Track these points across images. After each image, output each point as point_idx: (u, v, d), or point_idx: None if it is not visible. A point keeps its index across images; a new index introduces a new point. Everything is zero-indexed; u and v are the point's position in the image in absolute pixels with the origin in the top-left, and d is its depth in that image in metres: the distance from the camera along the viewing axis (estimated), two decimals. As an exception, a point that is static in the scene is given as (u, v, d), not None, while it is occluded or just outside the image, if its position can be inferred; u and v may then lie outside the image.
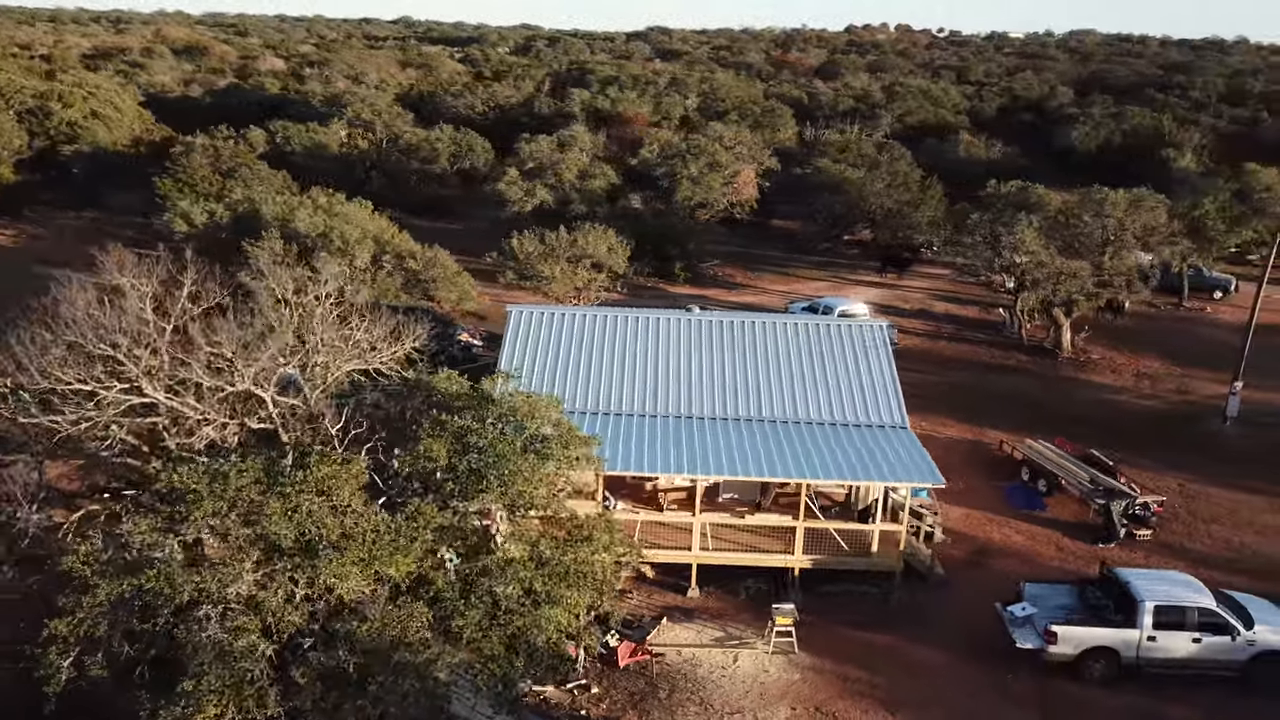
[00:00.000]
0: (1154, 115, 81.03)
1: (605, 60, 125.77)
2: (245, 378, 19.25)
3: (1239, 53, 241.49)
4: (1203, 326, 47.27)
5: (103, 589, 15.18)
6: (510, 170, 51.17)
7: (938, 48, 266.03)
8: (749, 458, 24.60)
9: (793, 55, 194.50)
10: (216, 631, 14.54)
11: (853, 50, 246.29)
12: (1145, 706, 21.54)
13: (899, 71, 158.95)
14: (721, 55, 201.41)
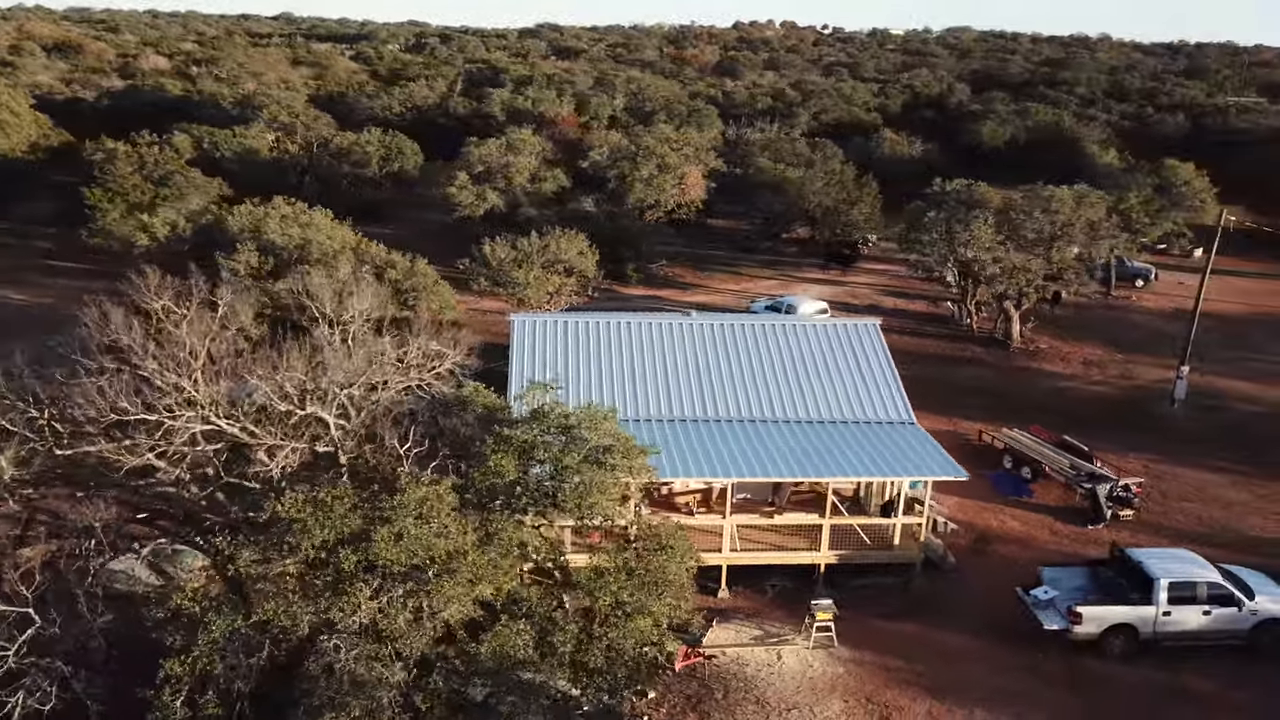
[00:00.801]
0: (1055, 111, 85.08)
1: (518, 60, 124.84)
2: (317, 400, 18.83)
3: (1104, 49, 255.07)
4: (1132, 314, 50.09)
5: (217, 625, 14.77)
6: (460, 174, 50.62)
7: (825, 44, 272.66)
8: (776, 458, 25.19)
9: (690, 52, 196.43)
10: (349, 661, 14.31)
11: (745, 47, 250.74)
12: (1165, 680, 22.97)
13: (795, 69, 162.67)
14: (618, 52, 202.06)
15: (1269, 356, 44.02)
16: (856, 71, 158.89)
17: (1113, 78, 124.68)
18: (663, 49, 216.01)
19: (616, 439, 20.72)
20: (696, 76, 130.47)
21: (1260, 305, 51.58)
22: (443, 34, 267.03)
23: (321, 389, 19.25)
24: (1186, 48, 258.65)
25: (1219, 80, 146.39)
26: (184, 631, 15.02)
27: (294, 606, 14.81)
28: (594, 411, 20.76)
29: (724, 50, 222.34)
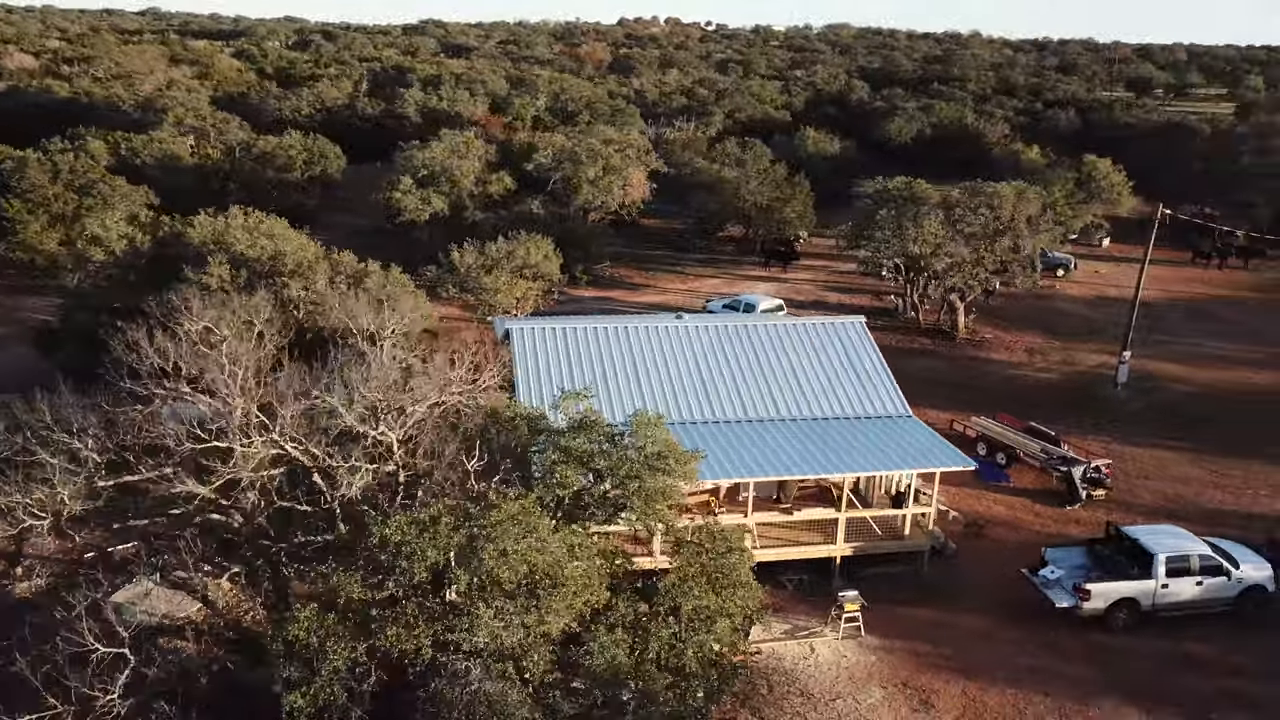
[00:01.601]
0: (958, 108, 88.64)
1: (425, 60, 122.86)
2: (395, 423, 18.56)
3: (977, 45, 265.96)
4: (1059, 302, 52.76)
5: (339, 654, 14.54)
6: (403, 179, 49.79)
7: (711, 41, 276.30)
8: (795, 457, 25.88)
9: (583, 50, 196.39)
10: (482, 682, 14.30)
11: (634, 44, 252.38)
12: (1168, 648, 24.59)
13: (694, 67, 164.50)
14: (509, 50, 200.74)
15: (1189, 339, 47.04)
16: (750, 69, 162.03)
17: (999, 74, 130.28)
18: (552, 46, 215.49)
19: (667, 445, 21.08)
20: (598, 75, 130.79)
21: (1173, 291, 54.97)
22: (324, 31, 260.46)
23: (392, 408, 18.97)
24: (1052, 44, 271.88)
25: (1090, 76, 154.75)
26: (297, 663, 14.72)
27: (417, 630, 14.68)
28: (645, 418, 21.02)
29: (614, 47, 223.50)
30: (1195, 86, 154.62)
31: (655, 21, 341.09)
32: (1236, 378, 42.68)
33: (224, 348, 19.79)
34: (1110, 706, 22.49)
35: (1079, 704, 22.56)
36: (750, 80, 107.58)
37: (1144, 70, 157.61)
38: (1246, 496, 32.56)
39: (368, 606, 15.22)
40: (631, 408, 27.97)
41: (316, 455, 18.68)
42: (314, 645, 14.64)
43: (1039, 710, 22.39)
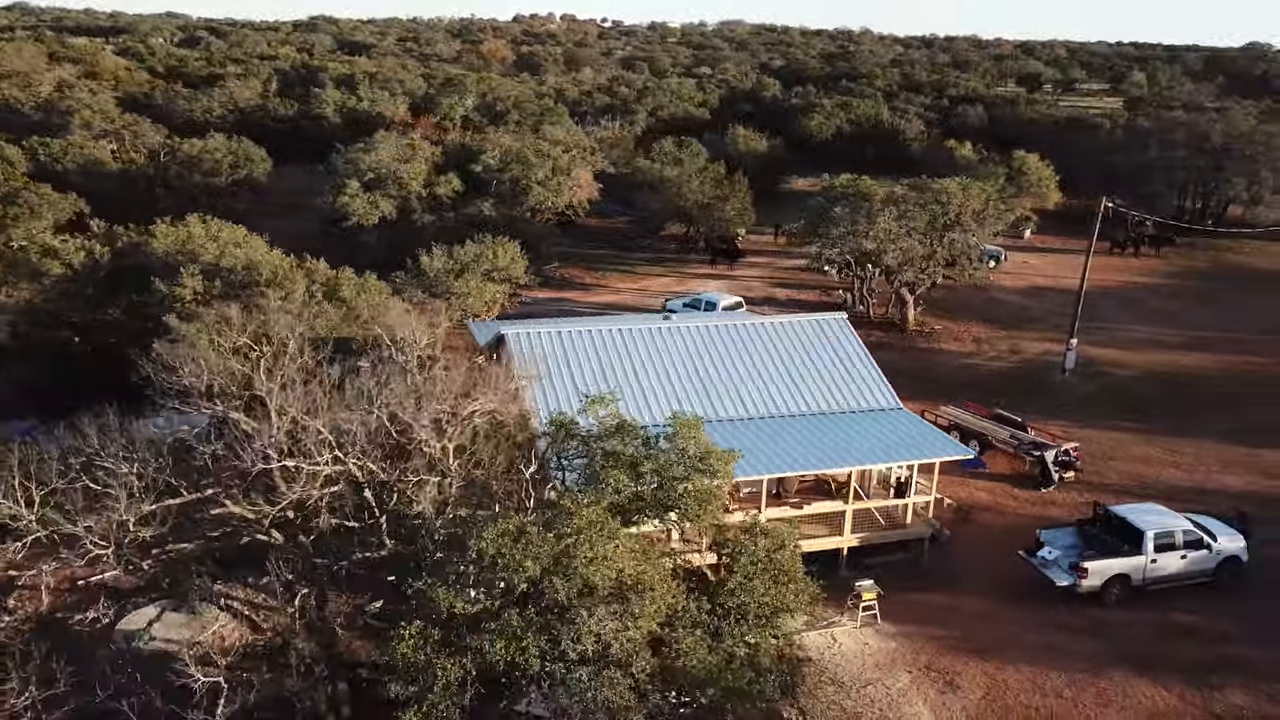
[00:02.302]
0: (874, 105, 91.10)
1: (337, 59, 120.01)
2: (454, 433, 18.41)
3: (868, 43, 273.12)
4: (994, 293, 54.85)
5: (450, 669, 14.48)
6: (351, 182, 48.79)
7: (610, 38, 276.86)
8: (807, 452, 26.54)
9: (485, 47, 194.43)
10: (600, 689, 14.43)
11: (533, 41, 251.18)
12: (1159, 619, 26.10)
13: (596, 64, 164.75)
14: (409, 47, 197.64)
15: (1121, 325, 49.56)
16: (655, 66, 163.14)
17: (902, 71, 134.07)
18: (451, 43, 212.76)
19: (706, 446, 21.43)
20: (506, 73, 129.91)
21: (1098, 279, 57.55)
22: (210, 27, 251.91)
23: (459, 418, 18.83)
24: (939, 41, 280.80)
25: (983, 73, 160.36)
26: (404, 682, 14.58)
27: (525, 641, 14.71)
28: (685, 421, 21.32)
29: (514, 44, 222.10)
30: (1080, 82, 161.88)
31: (551, 18, 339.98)
32: (1169, 360, 45.22)
33: (263, 364, 19.30)
34: (1120, 677, 23.77)
35: (1091, 676, 23.78)
36: (667, 78, 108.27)
37: (1031, 66, 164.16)
38: (1200, 472, 34.63)
39: (468, 620, 15.14)
40: (634, 408, 28.25)
41: (373, 470, 18.43)
42: (421, 662, 14.53)
43: (1055, 684, 23.53)
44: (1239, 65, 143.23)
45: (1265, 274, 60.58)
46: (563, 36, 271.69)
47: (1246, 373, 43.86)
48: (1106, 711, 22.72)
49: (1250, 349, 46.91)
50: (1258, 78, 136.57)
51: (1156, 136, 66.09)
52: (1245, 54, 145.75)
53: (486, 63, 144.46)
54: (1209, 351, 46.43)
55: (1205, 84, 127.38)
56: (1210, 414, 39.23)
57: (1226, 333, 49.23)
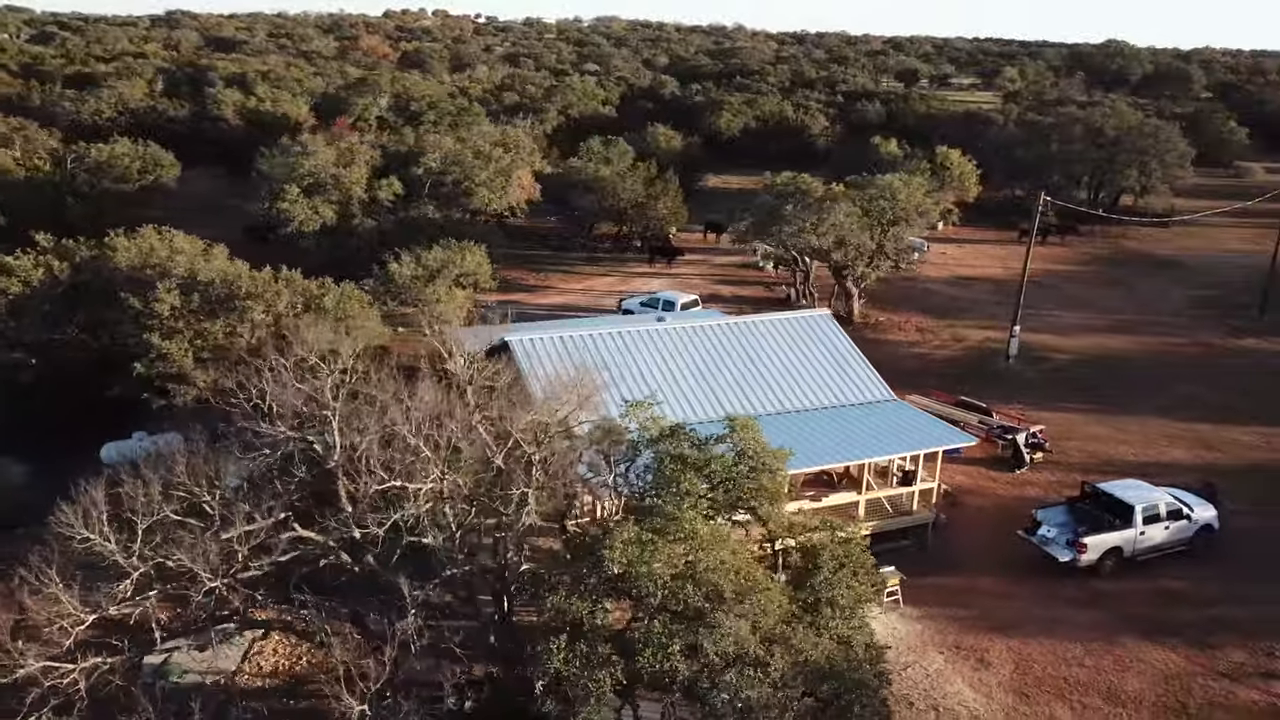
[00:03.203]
0: (777, 101, 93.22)
1: (224, 57, 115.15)
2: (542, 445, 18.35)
3: (742, 38, 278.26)
4: (921, 283, 57.11)
5: (603, 680, 14.60)
6: (290, 188, 47.23)
7: (486, 34, 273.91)
8: (826, 446, 27.36)
9: (366, 42, 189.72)
10: (763, 691, 14.76)
11: (407, 36, 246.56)
12: (1151, 587, 28.00)
13: (478, 61, 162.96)
14: (281, 43, 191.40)
15: (1047, 311, 52.27)
16: (540, 63, 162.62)
17: (790, 68, 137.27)
18: (323, 39, 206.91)
19: (764, 445, 21.96)
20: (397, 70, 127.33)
21: (1016, 269, 60.57)
22: (59, 22, 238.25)
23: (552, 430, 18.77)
24: (810, 37, 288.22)
25: (862, 68, 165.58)
26: (559, 696, 14.63)
27: (670, 648, 14.93)
28: (741, 421, 21.79)
29: (391, 40, 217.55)
30: (952, 77, 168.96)
31: (424, 14, 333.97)
32: (1097, 343, 48.08)
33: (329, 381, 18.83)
34: (1129, 643, 25.45)
35: (1104, 644, 25.39)
36: (568, 76, 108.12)
37: (907, 62, 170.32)
38: (1150, 448, 37.08)
39: (604, 631, 15.26)
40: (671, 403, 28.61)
41: (460, 485, 18.26)
42: (573, 675, 14.59)
43: (1075, 654, 25.04)
44: (1096, 61, 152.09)
45: (1160, 258, 64.86)
46: (438, 32, 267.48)
47: (1166, 353, 47.02)
48: (1126, 676, 24.31)
49: (1164, 330, 50.30)
50: (1115, 72, 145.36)
51: (1056, 130, 69.79)
52: (1102, 50, 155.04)
53: (377, 61, 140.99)
54: (1130, 334, 49.55)
55: (1071, 79, 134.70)
56: (1144, 393, 41.95)
57: (1142, 315, 52.64)
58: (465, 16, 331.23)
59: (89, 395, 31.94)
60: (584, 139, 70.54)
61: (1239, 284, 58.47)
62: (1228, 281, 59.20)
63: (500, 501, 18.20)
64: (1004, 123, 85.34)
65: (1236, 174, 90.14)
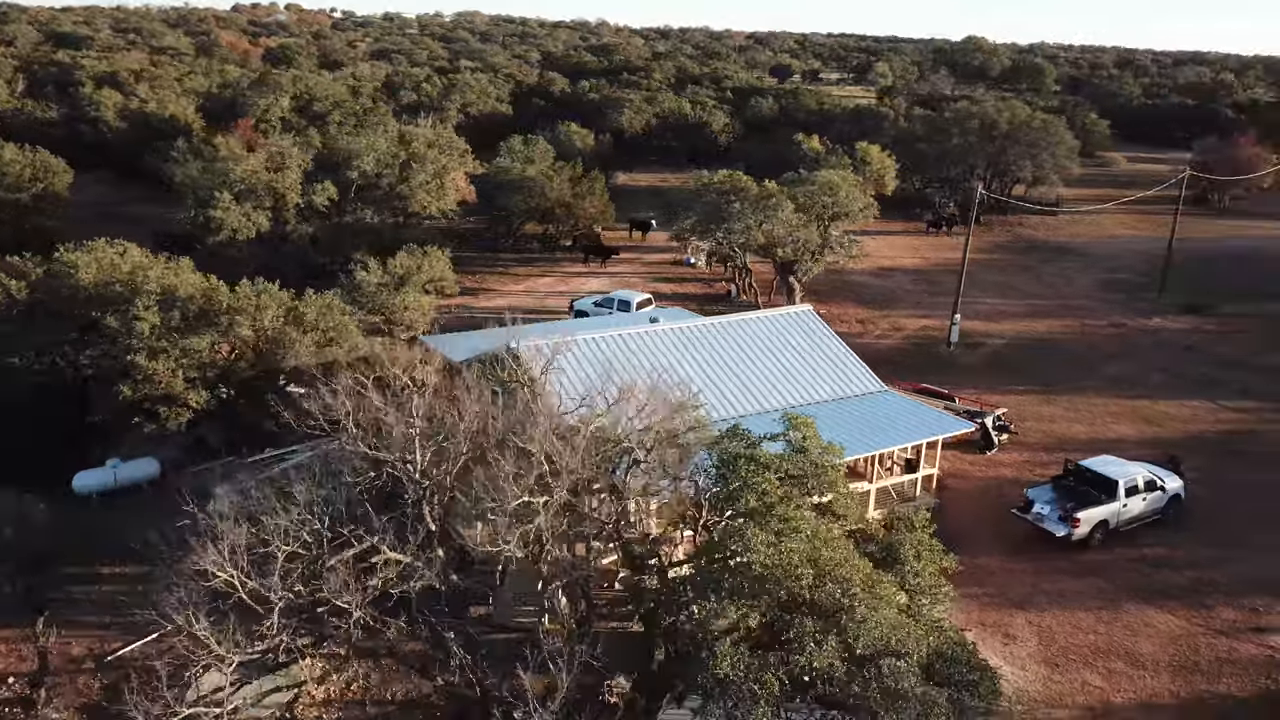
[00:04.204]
0: (676, 99, 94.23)
1: (86, 55, 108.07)
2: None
3: (608, 33, 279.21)
4: (849, 275, 58.93)
5: (771, 683, 14.86)
6: (223, 194, 45.09)
7: (347, 29, 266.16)
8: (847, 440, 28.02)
9: (223, 38, 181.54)
10: (905, 681, 15.28)
11: (262, 32, 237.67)
12: (1137, 555, 29.99)
13: (347, 58, 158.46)
14: (131, 39, 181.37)
15: (971, 298, 54.59)
16: (413, 60, 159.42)
17: (674, 64, 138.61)
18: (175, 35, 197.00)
19: (821, 443, 22.55)
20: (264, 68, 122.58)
21: (930, 258, 63.45)
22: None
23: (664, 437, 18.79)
24: (674, 32, 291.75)
25: (731, 62, 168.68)
26: (727, 698, 14.80)
27: (826, 646, 15.30)
28: (798, 420, 22.31)
29: (247, 36, 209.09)
30: (821, 72, 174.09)
31: (276, 8, 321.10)
32: (1023, 327, 50.82)
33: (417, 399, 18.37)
34: (1134, 609, 27.27)
35: (1112, 611, 27.13)
36: (460, 74, 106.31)
37: (779, 58, 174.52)
38: (1098, 425, 39.52)
39: (750, 632, 15.51)
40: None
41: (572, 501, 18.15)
42: (738, 679, 14.79)
43: (1088, 622, 26.66)
44: (958, 56, 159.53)
45: (1055, 244, 68.90)
46: (294, 27, 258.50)
47: (1088, 334, 50.11)
48: (1138, 640, 26.04)
49: (1080, 313, 53.54)
50: (976, 67, 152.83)
51: (955, 125, 73.06)
52: (963, 46, 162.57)
53: (246, 58, 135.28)
54: (1050, 317, 52.55)
55: (939, 74, 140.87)
56: (1078, 373, 44.65)
57: (1056, 299, 55.87)
58: (320, 11, 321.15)
59: (58, 421, 30.03)
60: (485, 138, 69.91)
61: (1134, 267, 62.74)
62: (1123, 265, 63.38)
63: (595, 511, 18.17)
64: (894, 118, 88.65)
65: (1102, 164, 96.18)
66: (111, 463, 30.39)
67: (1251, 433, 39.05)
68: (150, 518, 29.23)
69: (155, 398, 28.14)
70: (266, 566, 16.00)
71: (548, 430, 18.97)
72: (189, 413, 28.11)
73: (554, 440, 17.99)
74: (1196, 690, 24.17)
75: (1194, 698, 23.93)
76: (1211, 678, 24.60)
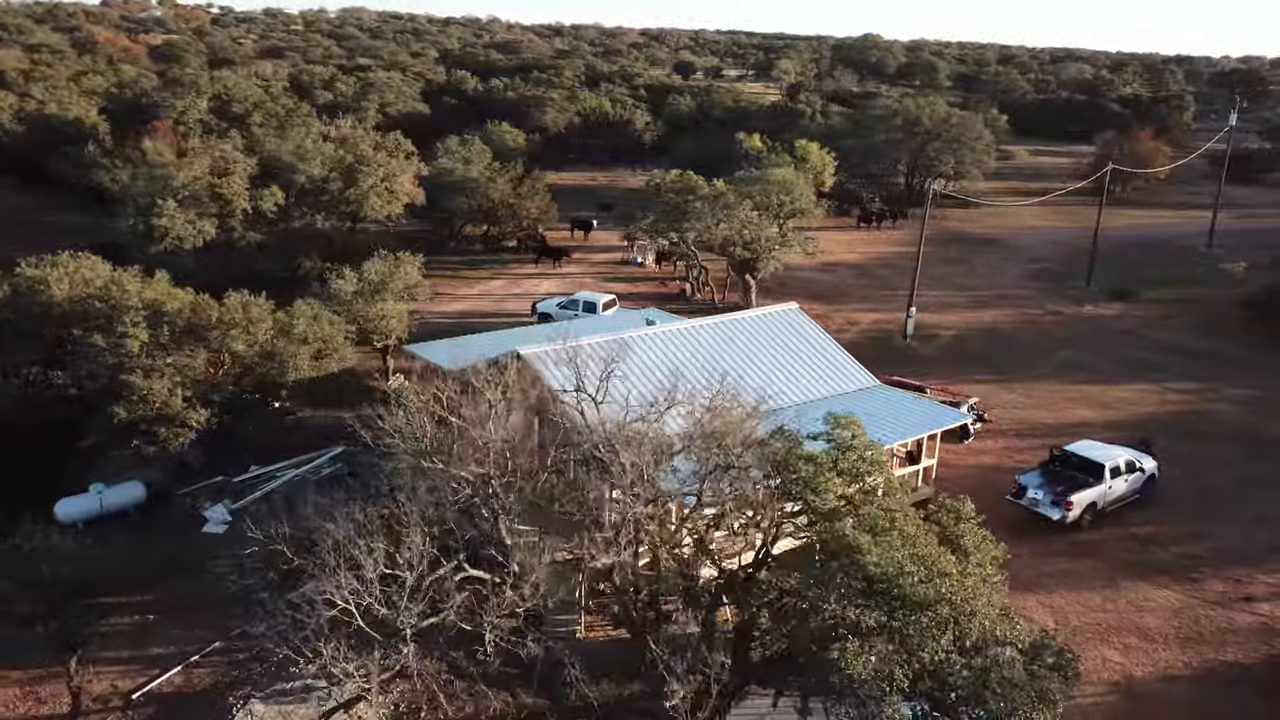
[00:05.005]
0: (597, 98, 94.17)
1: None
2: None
3: (501, 30, 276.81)
4: (794, 271, 59.87)
5: (901, 680, 15.17)
6: (167, 202, 43.07)
7: (228, 25, 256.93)
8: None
9: (100, 35, 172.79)
10: (1012, 670, 15.78)
11: (136, 27, 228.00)
12: (1125, 533, 31.46)
13: (235, 56, 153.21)
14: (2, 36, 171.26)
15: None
16: (308, 57, 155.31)
17: (584, 62, 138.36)
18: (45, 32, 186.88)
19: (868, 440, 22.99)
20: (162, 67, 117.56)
21: (865, 253, 65.03)
22: None
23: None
24: (567, 29, 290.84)
25: (632, 59, 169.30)
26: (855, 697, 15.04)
27: (941, 641, 15.69)
28: (844, 419, 22.69)
29: (124, 32, 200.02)
30: (722, 70, 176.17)
31: (148, 3, 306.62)
32: (970, 318, 52.64)
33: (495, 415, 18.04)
34: (1132, 586, 28.64)
35: (1114, 589, 28.44)
36: (373, 73, 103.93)
37: (680, 56, 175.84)
38: (1059, 410, 41.26)
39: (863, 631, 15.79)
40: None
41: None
42: (870, 678, 15.04)
43: (1095, 601, 27.89)
44: (855, 53, 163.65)
45: (978, 237, 71.49)
46: (172, 23, 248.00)
47: (1031, 323, 52.24)
48: (1144, 615, 27.38)
49: (1018, 302, 55.76)
50: (873, 65, 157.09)
51: (880, 122, 75.03)
52: (860, 44, 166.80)
53: (129, 55, 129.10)
54: (991, 308, 54.57)
55: (843, 71, 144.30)
56: (1031, 360, 46.53)
57: (992, 290, 58.03)
58: (197, 6, 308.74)
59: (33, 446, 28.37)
60: (406, 138, 68.61)
61: (1053, 257, 65.63)
62: (1044, 255, 66.21)
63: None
64: (811, 114, 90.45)
65: (1005, 157, 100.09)
66: (96, 488, 28.83)
67: (1196, 413, 41.33)
68: (149, 544, 28.11)
69: (150, 418, 26.79)
70: (386, 590, 15.44)
71: (639, 442, 18.91)
72: (191, 433, 26.85)
73: (644, 452, 17.91)
74: (1206, 660, 25.56)
75: (1205, 667, 25.30)
76: (1217, 647, 26.04)
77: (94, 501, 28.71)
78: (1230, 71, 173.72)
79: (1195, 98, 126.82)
